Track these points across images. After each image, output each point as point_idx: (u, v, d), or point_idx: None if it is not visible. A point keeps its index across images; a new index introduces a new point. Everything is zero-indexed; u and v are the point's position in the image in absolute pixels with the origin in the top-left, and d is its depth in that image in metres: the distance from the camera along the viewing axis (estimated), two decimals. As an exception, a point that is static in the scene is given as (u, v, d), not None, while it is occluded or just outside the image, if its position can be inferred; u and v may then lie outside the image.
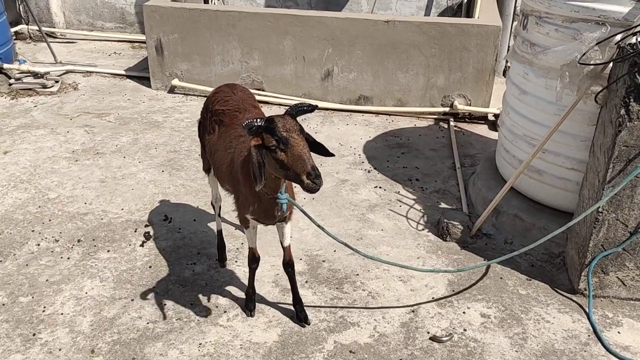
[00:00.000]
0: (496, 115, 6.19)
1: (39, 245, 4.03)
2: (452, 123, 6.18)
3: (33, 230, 4.18)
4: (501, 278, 3.82)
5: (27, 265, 3.82)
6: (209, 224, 4.32)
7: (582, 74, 3.38)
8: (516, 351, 3.23)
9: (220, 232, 3.87)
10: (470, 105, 6.26)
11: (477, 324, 3.43)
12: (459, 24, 5.98)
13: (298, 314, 3.37)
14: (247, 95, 3.38)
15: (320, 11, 6.74)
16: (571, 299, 3.64)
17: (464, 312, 3.51)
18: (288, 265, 3.27)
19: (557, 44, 3.66)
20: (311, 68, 6.42)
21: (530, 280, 3.81)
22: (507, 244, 4.13)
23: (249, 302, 3.44)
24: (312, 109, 2.56)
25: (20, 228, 4.20)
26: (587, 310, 3.52)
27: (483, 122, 6.31)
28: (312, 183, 2.39)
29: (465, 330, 3.37)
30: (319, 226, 3.14)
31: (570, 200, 3.96)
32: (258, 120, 2.46)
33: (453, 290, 3.70)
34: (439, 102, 6.33)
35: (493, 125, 6.19)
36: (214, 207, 3.87)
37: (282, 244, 3.24)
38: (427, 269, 3.83)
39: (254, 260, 3.29)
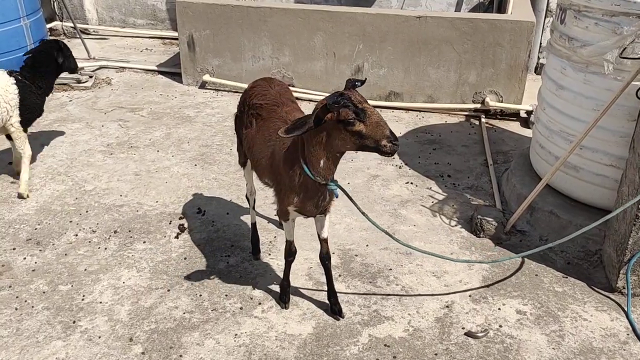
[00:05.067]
0: (528, 112, 6.12)
1: (76, 235, 4.11)
2: (483, 120, 6.13)
3: (71, 221, 4.26)
4: (536, 275, 3.78)
5: (66, 254, 3.90)
6: (242, 217, 4.35)
7: (625, 68, 3.33)
8: (553, 349, 3.19)
9: (254, 225, 3.90)
10: (502, 102, 6.20)
11: (513, 320, 3.40)
12: (492, 20, 5.92)
13: (332, 306, 3.38)
14: (284, 89, 3.40)
15: (351, 7, 6.73)
16: (609, 297, 3.59)
17: (499, 309, 3.48)
18: (325, 257, 3.28)
19: (597, 38, 3.61)
20: (341, 64, 6.43)
21: (566, 277, 3.76)
22: (542, 241, 4.08)
23: (284, 295, 3.46)
24: (362, 83, 2.65)
25: (59, 219, 4.29)
26: (626, 309, 3.46)
27: (515, 119, 6.24)
28: (393, 144, 2.52)
29: (500, 326, 3.34)
30: (363, 213, 3.19)
31: (608, 198, 3.89)
32: (338, 97, 2.52)
33: (488, 287, 3.67)
34: (470, 98, 6.28)
35: (525, 123, 6.12)
36: (248, 200, 3.90)
37: (319, 236, 3.25)
38: (463, 259, 3.83)
39: (290, 253, 3.31)
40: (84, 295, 3.53)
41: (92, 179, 4.85)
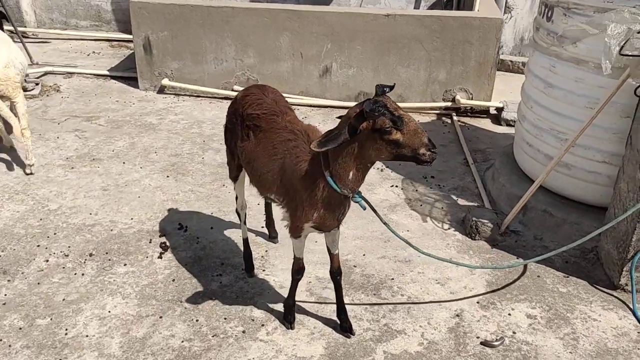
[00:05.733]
0: (498, 109, 6.14)
1: (47, 261, 3.73)
2: (455, 118, 6.10)
3: (39, 245, 3.87)
4: (538, 276, 3.74)
5: (38, 283, 3.53)
6: (227, 232, 4.10)
7: (623, 65, 3.32)
8: (570, 352, 3.14)
9: (246, 240, 3.66)
10: (472, 99, 6.19)
11: (525, 325, 3.33)
12: (461, 17, 5.89)
13: (342, 323, 3.20)
14: (278, 97, 3.18)
15: (318, 5, 6.54)
16: (612, 295, 3.59)
17: (509, 314, 3.41)
18: (337, 273, 3.10)
19: (588, 36, 3.59)
20: (309, 65, 6.24)
21: (567, 277, 3.74)
22: (537, 240, 4.05)
23: (289, 314, 3.25)
24: (391, 88, 2.48)
25: (24, 243, 3.89)
26: (632, 307, 3.46)
27: (485, 116, 6.25)
28: (432, 153, 2.39)
29: (514, 332, 3.27)
30: (385, 224, 3.06)
31: (601, 194, 3.91)
32: (373, 104, 2.37)
33: (493, 292, 3.60)
34: (441, 96, 6.24)
35: (496, 119, 6.15)
36: (239, 215, 3.65)
37: (330, 250, 3.06)
38: (489, 265, 3.79)
39: (299, 271, 3.10)
40: (66, 329, 3.19)
41: (55, 197, 4.44)
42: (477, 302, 3.50)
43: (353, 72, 6.20)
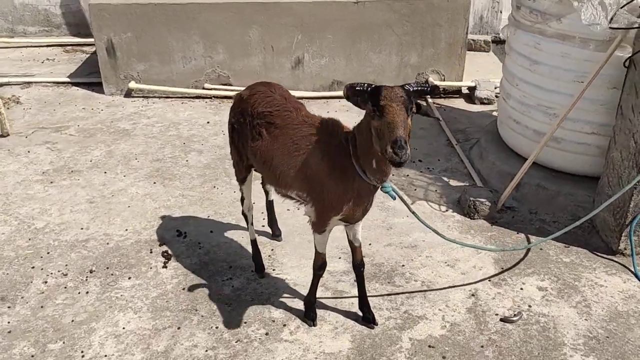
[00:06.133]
0: (471, 88, 6.24)
1: (46, 282, 3.56)
2: (429, 100, 6.17)
3: (33, 267, 3.69)
4: (541, 249, 3.85)
5: (42, 307, 3.37)
6: (228, 234, 4.02)
7: (608, 38, 3.42)
8: (585, 319, 3.25)
9: (254, 241, 3.60)
10: (444, 80, 6.27)
11: (538, 298, 3.42)
12: (429, 0, 5.93)
13: (365, 315, 3.21)
14: (286, 93, 3.13)
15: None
16: (613, 260, 3.73)
17: (521, 289, 3.50)
18: (360, 265, 3.10)
19: (573, 11, 3.68)
20: (281, 57, 6.16)
21: (568, 247, 3.86)
22: (532, 214, 4.17)
23: (310, 311, 3.22)
24: (430, 90, 2.41)
25: (17, 266, 3.70)
26: (633, 270, 3.61)
27: (457, 96, 6.35)
28: (394, 154, 2.21)
29: (530, 306, 3.35)
30: (414, 213, 3.08)
31: (591, 164, 4.04)
32: (365, 85, 2.36)
33: (502, 268, 3.68)
34: (413, 79, 6.28)
35: (469, 98, 6.25)
36: (246, 217, 3.58)
37: (352, 243, 3.05)
38: (522, 245, 3.85)
39: (322, 266, 3.08)
40: (82, 351, 3.06)
41: (39, 215, 4.24)
42: (489, 280, 3.57)
43: (325, 62, 6.17)
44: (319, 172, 2.68)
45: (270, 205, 3.86)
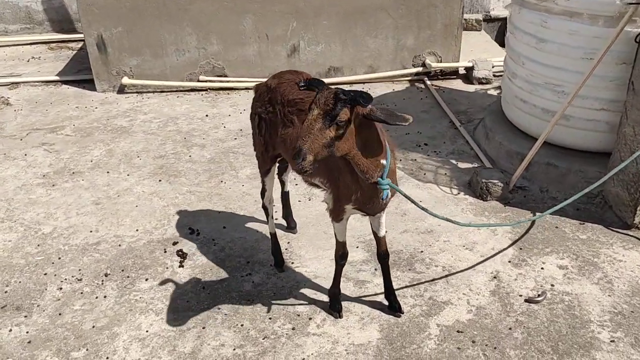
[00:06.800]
0: (468, 69, 6.21)
1: (61, 289, 3.49)
2: (428, 82, 6.13)
3: (46, 274, 3.61)
4: (557, 227, 3.86)
5: (60, 314, 3.30)
6: (241, 229, 3.97)
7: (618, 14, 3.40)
8: (609, 295, 3.27)
9: (274, 235, 3.56)
10: (441, 62, 6.24)
11: (560, 276, 3.43)
12: (424, -19, 5.87)
13: (392, 304, 3.19)
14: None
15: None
16: (628, 235, 3.75)
17: (542, 268, 3.50)
18: (384, 255, 3.07)
19: (580, -12, 3.66)
20: (276, 45, 6.07)
21: (583, 224, 3.87)
22: (543, 193, 4.17)
23: (336, 303, 3.20)
24: (363, 100, 2.24)
25: (29, 274, 3.62)
26: (650, 243, 3.64)
27: (455, 76, 6.32)
28: (295, 162, 2.22)
29: (552, 285, 3.36)
30: (423, 209, 2.95)
31: (601, 141, 4.05)
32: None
33: (520, 249, 3.68)
34: (410, 63, 6.25)
35: (467, 78, 6.22)
36: (266, 210, 3.53)
37: (376, 234, 3.02)
38: (522, 219, 3.84)
39: (343, 256, 3.05)
40: (107, 357, 3.01)
41: (45, 219, 4.14)
42: (509, 262, 3.57)
43: (321, 48, 6.09)
44: (337, 161, 2.65)
45: (286, 196, 3.81)
